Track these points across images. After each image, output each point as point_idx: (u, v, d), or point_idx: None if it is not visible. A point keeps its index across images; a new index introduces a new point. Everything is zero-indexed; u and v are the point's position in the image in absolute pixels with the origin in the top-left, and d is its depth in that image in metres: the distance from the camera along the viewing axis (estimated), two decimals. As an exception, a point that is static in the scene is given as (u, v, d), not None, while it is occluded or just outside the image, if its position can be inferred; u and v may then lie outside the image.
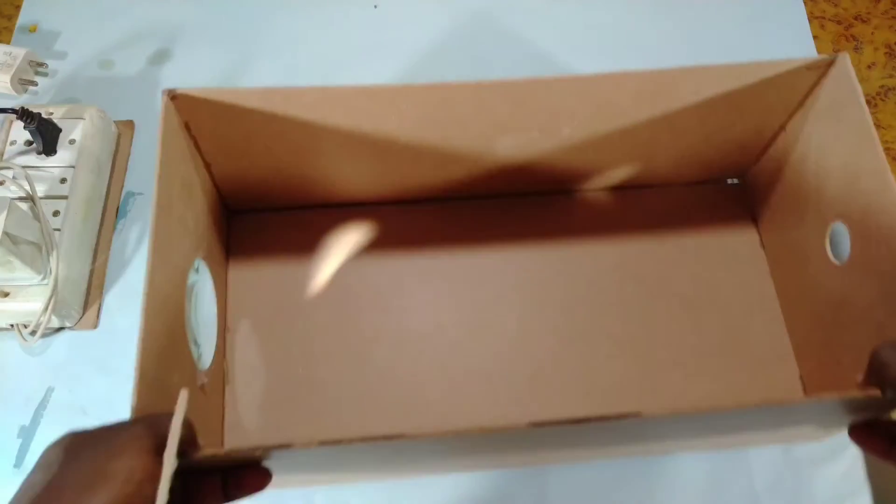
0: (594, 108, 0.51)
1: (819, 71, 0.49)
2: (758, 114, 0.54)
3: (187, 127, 0.48)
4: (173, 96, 0.45)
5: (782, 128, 0.55)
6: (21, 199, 0.55)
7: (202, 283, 0.53)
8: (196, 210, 0.50)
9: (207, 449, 0.32)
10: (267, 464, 0.36)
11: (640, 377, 0.56)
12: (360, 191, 0.59)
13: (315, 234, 0.60)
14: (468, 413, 0.54)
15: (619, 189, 0.63)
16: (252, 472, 0.35)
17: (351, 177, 0.57)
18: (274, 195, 0.59)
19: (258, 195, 0.58)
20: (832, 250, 0.51)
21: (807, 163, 0.53)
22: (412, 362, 0.56)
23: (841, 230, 0.49)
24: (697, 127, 0.54)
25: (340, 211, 0.61)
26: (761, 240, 0.61)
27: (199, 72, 0.69)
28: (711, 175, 0.63)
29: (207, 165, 0.53)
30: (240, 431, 0.52)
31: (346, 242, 0.60)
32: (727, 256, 0.60)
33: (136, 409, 0.36)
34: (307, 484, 0.51)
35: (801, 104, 0.52)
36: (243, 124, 0.49)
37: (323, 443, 0.33)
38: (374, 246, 0.60)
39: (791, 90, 0.51)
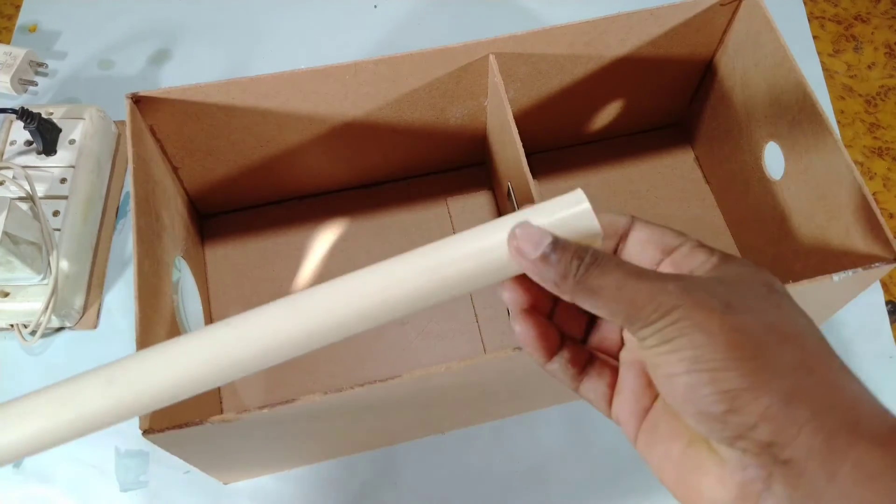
0: (531, 68, 0.53)
1: (732, 6, 0.52)
2: (683, 56, 0.57)
3: (152, 130, 0.49)
4: (137, 100, 0.46)
5: (707, 66, 0.59)
6: (21, 199, 0.55)
7: (185, 280, 0.53)
8: (171, 210, 0.51)
9: None
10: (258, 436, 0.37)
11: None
12: (327, 179, 0.61)
13: (288, 228, 0.61)
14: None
15: (568, 147, 0.65)
16: None
17: (315, 165, 0.58)
18: (242, 194, 0.60)
19: (227, 196, 0.59)
20: (769, 170, 0.54)
21: (734, 94, 0.56)
22: (397, 335, 0.57)
23: (774, 149, 0.52)
24: (631, 76, 0.57)
25: (310, 202, 0.62)
26: (705, 175, 0.64)
27: (199, 72, 0.69)
28: (651, 124, 0.66)
29: (175, 170, 0.54)
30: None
31: (320, 231, 0.61)
32: (676, 196, 0.64)
33: None
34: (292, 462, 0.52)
35: (721, 41, 0.56)
36: (206, 121, 0.50)
37: (326, 392, 0.37)
38: (347, 230, 0.61)
39: (710, 28, 0.54)
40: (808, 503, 0.20)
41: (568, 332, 0.29)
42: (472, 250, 0.26)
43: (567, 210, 0.26)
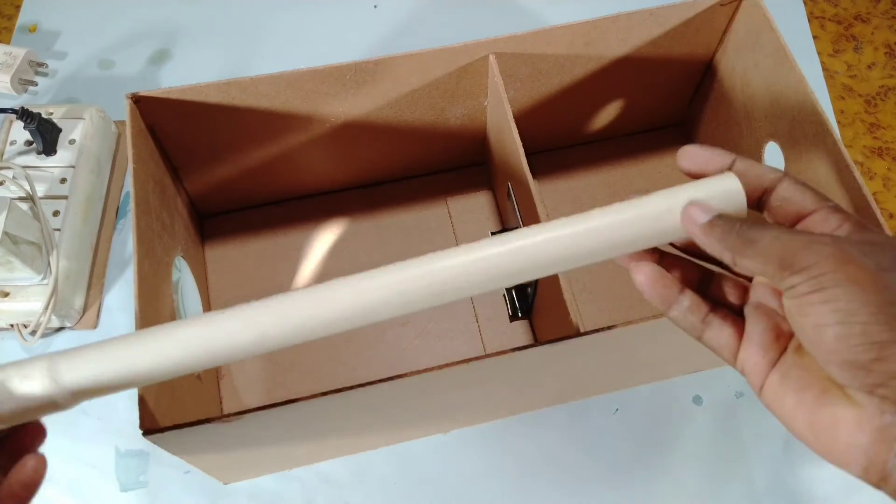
0: (531, 68, 0.53)
1: (732, 6, 0.52)
2: (683, 56, 0.57)
3: (152, 130, 0.49)
4: (137, 100, 0.46)
5: (707, 66, 0.59)
6: (21, 199, 0.55)
7: (185, 280, 0.53)
8: (171, 209, 0.51)
9: None
10: (259, 435, 0.38)
11: (609, 316, 0.58)
12: (327, 179, 0.61)
13: (288, 228, 0.61)
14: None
15: (568, 147, 0.65)
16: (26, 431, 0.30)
17: (315, 165, 0.58)
18: (242, 194, 0.60)
19: (227, 196, 0.59)
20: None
21: (734, 94, 0.56)
22: (397, 335, 0.57)
23: (774, 149, 0.52)
24: (631, 76, 0.57)
25: (310, 202, 0.62)
26: None
27: (199, 72, 0.69)
28: (651, 124, 0.66)
29: (175, 170, 0.54)
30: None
31: (320, 231, 0.61)
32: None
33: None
34: (297, 459, 0.52)
35: (720, 40, 0.56)
36: (207, 121, 0.50)
37: (326, 392, 0.37)
38: (347, 230, 0.61)
39: (710, 28, 0.54)
40: None
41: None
42: (634, 216, 0.31)
43: (719, 187, 0.30)
